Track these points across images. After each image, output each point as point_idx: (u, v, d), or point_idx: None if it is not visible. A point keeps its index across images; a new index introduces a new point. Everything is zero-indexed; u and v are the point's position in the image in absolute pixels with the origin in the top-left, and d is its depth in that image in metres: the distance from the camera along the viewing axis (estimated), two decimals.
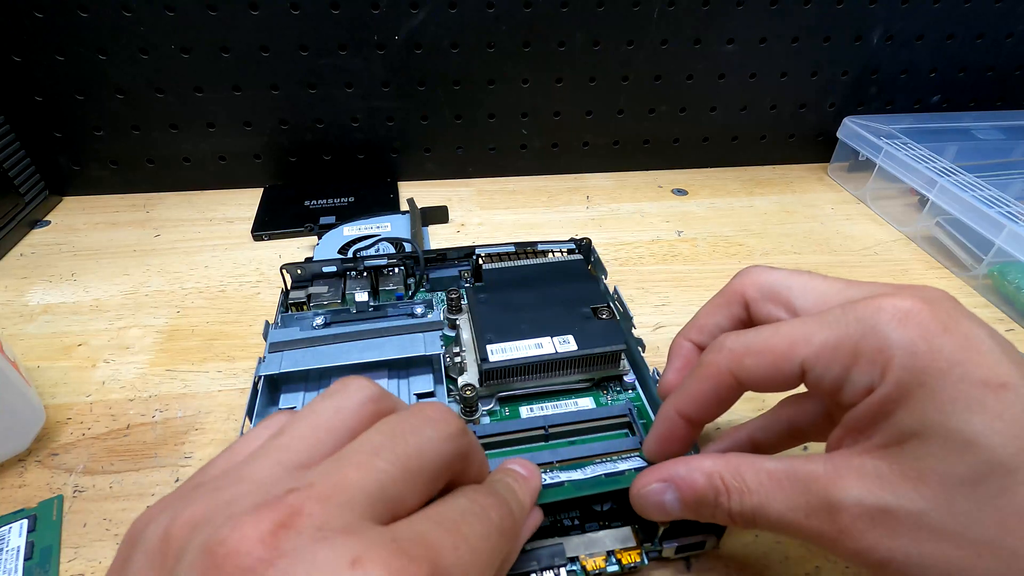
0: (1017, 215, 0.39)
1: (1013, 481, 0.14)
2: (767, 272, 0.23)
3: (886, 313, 0.17)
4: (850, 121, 0.53)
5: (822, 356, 0.18)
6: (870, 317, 0.17)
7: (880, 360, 0.17)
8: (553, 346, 0.30)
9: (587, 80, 0.51)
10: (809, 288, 0.21)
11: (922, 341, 0.16)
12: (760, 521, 0.18)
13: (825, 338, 0.18)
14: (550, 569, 0.22)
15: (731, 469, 0.19)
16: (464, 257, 0.39)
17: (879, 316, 0.17)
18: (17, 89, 0.46)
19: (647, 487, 0.21)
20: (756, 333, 0.20)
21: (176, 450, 0.29)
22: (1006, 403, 0.15)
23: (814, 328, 0.18)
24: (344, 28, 0.46)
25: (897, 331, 0.17)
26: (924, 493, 0.15)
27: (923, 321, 0.17)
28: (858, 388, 0.18)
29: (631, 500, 0.21)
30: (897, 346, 0.17)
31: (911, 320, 0.17)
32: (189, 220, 0.49)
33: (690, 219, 0.50)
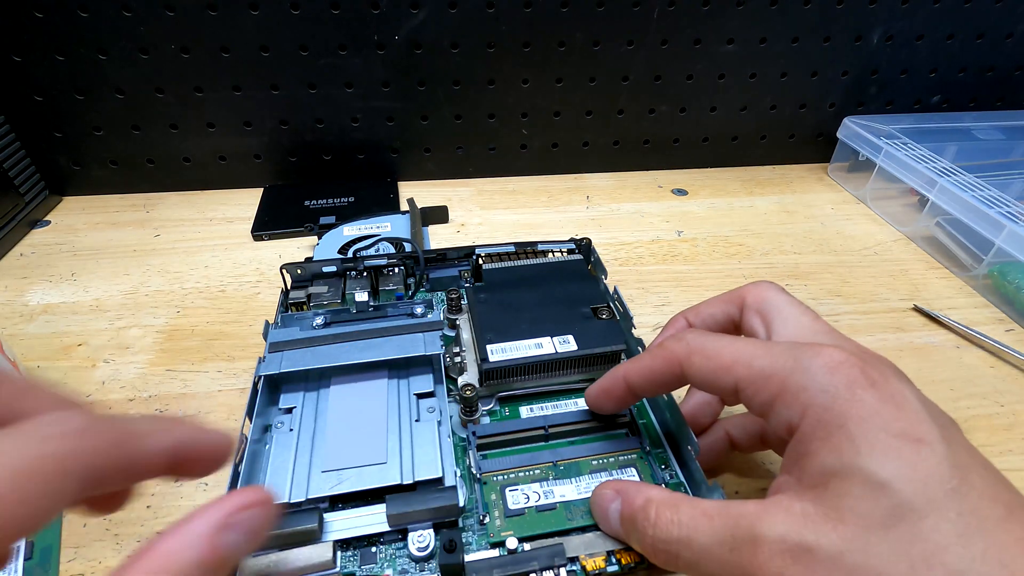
0: (1017, 215, 0.39)
1: (923, 527, 0.15)
2: (771, 290, 0.24)
3: (820, 359, 0.18)
4: (850, 121, 0.53)
5: (754, 381, 0.20)
6: (805, 359, 0.19)
7: (802, 399, 0.18)
8: (553, 346, 0.30)
9: (587, 80, 0.51)
10: (792, 319, 0.22)
11: (846, 389, 0.17)
12: (682, 554, 0.19)
13: (763, 366, 0.19)
14: (550, 569, 0.22)
15: (670, 502, 0.20)
16: (464, 257, 0.39)
17: (813, 360, 0.18)
18: (17, 89, 0.46)
19: (603, 491, 0.23)
20: (716, 339, 0.21)
21: None
22: (921, 456, 0.16)
23: (759, 353, 0.20)
24: (344, 28, 0.46)
25: (823, 376, 0.18)
26: (843, 534, 0.16)
27: (851, 373, 0.18)
28: (780, 421, 0.19)
29: (591, 499, 0.24)
30: (820, 390, 0.18)
31: (840, 370, 0.18)
32: (189, 220, 0.49)
33: (690, 219, 0.50)
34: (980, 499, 0.15)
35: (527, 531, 0.24)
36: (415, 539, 0.23)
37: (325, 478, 0.25)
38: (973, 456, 0.17)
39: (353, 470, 0.25)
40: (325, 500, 0.25)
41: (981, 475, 0.16)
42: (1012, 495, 0.16)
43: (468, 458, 0.27)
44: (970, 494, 0.15)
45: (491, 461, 0.27)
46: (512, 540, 0.23)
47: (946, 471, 0.16)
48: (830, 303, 0.40)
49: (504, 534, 0.24)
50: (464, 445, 0.28)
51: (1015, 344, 0.36)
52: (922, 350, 0.36)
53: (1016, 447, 0.30)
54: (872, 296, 0.41)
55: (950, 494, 0.15)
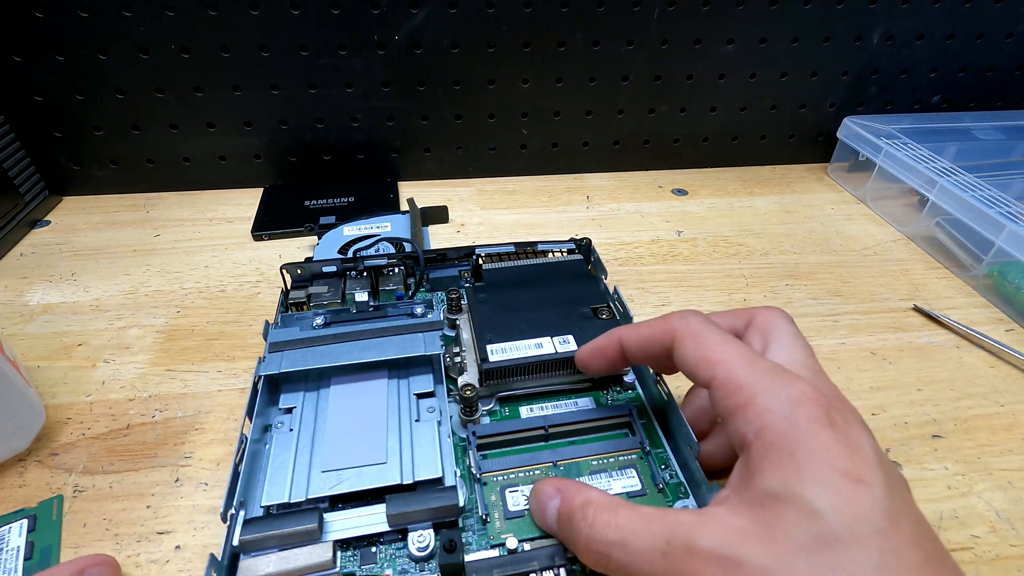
0: (1017, 215, 0.39)
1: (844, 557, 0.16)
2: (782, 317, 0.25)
3: (792, 389, 0.19)
4: (850, 121, 0.53)
5: (727, 386, 0.20)
6: (779, 384, 0.19)
7: (762, 419, 0.19)
8: (553, 346, 0.30)
9: (587, 80, 0.51)
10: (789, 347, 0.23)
11: (805, 423, 0.18)
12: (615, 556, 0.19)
13: (740, 375, 0.20)
14: (550, 569, 0.22)
15: (609, 505, 0.21)
16: (464, 257, 0.39)
17: (786, 388, 0.19)
18: (17, 89, 0.46)
19: (544, 487, 0.23)
20: (714, 333, 0.22)
21: (176, 450, 0.29)
22: (858, 495, 0.17)
23: (743, 363, 0.21)
24: (344, 28, 0.46)
25: (789, 406, 0.19)
26: (772, 552, 0.17)
27: (815, 410, 0.19)
28: (736, 431, 0.20)
29: (531, 493, 0.24)
30: (782, 416, 0.19)
31: (806, 404, 0.19)
32: (189, 220, 0.49)
33: (690, 219, 0.50)
34: (903, 543, 0.16)
35: (527, 533, 0.24)
36: (415, 539, 0.23)
37: (325, 478, 0.25)
38: (909, 507, 0.18)
39: (353, 470, 0.25)
40: (325, 500, 0.25)
41: (910, 523, 0.17)
42: (934, 545, 0.17)
43: (468, 458, 0.27)
44: (895, 536, 0.16)
45: (491, 461, 0.27)
46: (512, 540, 0.23)
47: (878, 513, 0.17)
48: (830, 303, 0.40)
49: (504, 536, 0.24)
50: (464, 445, 0.28)
51: (1015, 344, 0.36)
52: (922, 350, 0.36)
53: (1016, 447, 0.30)
54: (872, 296, 0.41)
55: (876, 533, 0.16)
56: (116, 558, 0.24)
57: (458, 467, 0.27)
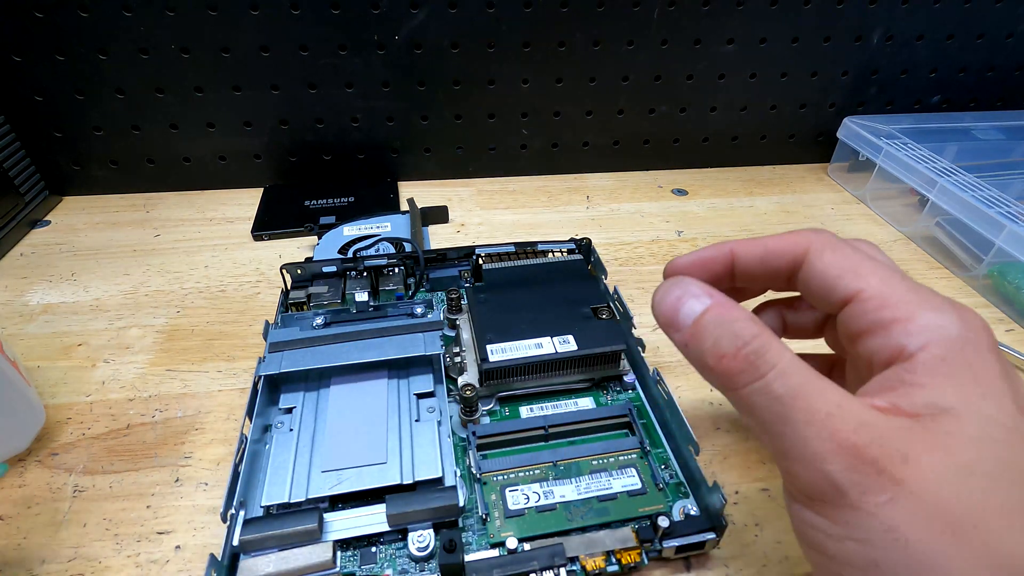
0: (1017, 215, 0.39)
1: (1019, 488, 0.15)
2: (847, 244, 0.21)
3: (962, 315, 0.18)
4: (850, 121, 0.53)
5: (884, 298, 0.18)
6: (946, 307, 0.18)
7: (930, 333, 0.17)
8: (553, 346, 0.30)
9: (587, 80, 0.51)
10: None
11: (982, 345, 0.17)
12: (769, 381, 0.17)
13: (898, 289, 0.18)
14: (550, 569, 0.22)
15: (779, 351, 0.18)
16: (464, 257, 0.39)
17: (955, 312, 0.18)
18: (17, 89, 0.46)
19: (686, 280, 0.20)
20: (850, 244, 0.21)
21: (176, 450, 0.29)
22: None
23: (897, 279, 0.19)
24: (344, 28, 0.46)
25: (962, 327, 0.17)
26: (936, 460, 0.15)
27: (986, 336, 0.18)
28: (889, 343, 0.18)
29: (657, 290, 0.21)
30: (956, 334, 0.17)
31: (978, 330, 0.18)
32: (189, 220, 0.49)
33: (690, 219, 0.50)
34: None
35: (527, 532, 0.24)
36: (415, 539, 0.23)
37: (325, 478, 0.25)
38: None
39: (353, 470, 0.25)
40: (325, 500, 0.25)
41: None
42: None
43: (468, 458, 0.27)
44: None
45: (491, 461, 0.27)
46: (512, 540, 0.23)
47: None
48: None
49: (504, 534, 0.24)
50: (464, 445, 0.28)
51: (1015, 344, 0.36)
52: None
53: None
54: None
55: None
56: (116, 558, 0.24)
57: (458, 467, 0.27)
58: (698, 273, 0.23)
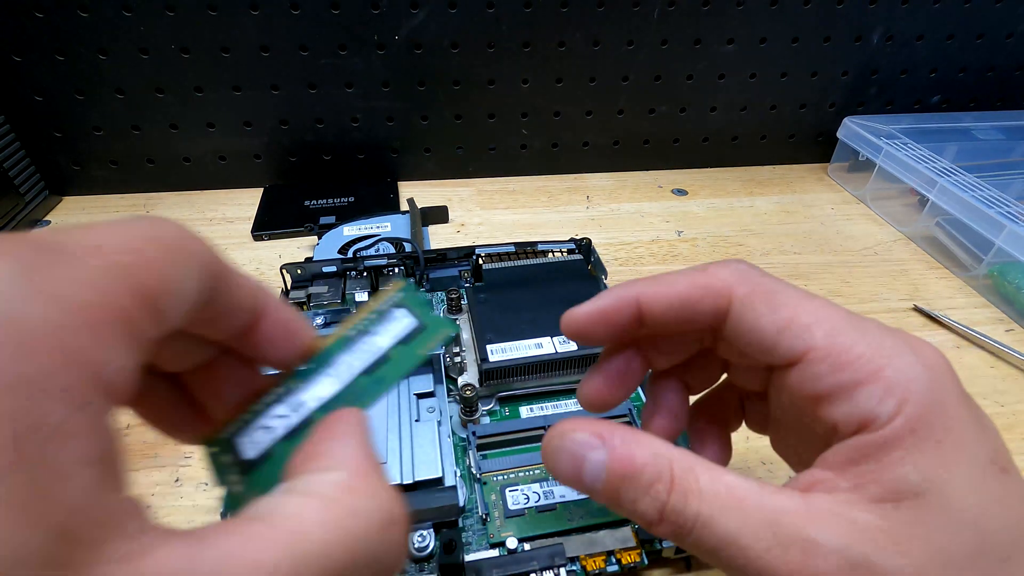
0: (1017, 215, 0.39)
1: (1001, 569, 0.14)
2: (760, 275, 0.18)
3: (924, 355, 0.16)
4: (850, 121, 0.53)
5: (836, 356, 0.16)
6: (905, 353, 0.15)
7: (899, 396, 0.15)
8: (553, 346, 0.30)
9: (587, 80, 0.51)
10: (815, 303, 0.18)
11: (953, 399, 0.15)
12: (699, 533, 0.15)
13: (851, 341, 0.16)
14: (550, 569, 0.22)
15: (685, 464, 0.16)
16: (464, 257, 0.39)
17: (918, 354, 0.15)
18: (17, 89, 0.46)
19: (574, 433, 0.17)
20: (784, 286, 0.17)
21: (176, 450, 0.29)
22: (1008, 488, 0.15)
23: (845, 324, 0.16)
24: (344, 28, 0.46)
25: (929, 377, 0.15)
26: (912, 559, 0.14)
27: (955, 383, 0.15)
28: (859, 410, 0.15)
29: (544, 443, 0.17)
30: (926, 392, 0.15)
31: (948, 376, 0.15)
32: (189, 220, 0.49)
33: (690, 219, 0.50)
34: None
35: (527, 532, 0.24)
36: (415, 539, 0.23)
37: None
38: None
39: None
40: None
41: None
42: None
43: (468, 458, 0.27)
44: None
45: (491, 461, 0.27)
46: (512, 540, 0.23)
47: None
48: None
49: (504, 534, 0.24)
50: (464, 445, 0.28)
51: (1015, 344, 0.36)
52: None
53: (1016, 447, 0.30)
54: (872, 296, 0.41)
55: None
56: None
57: (458, 467, 0.27)
58: (599, 328, 0.20)
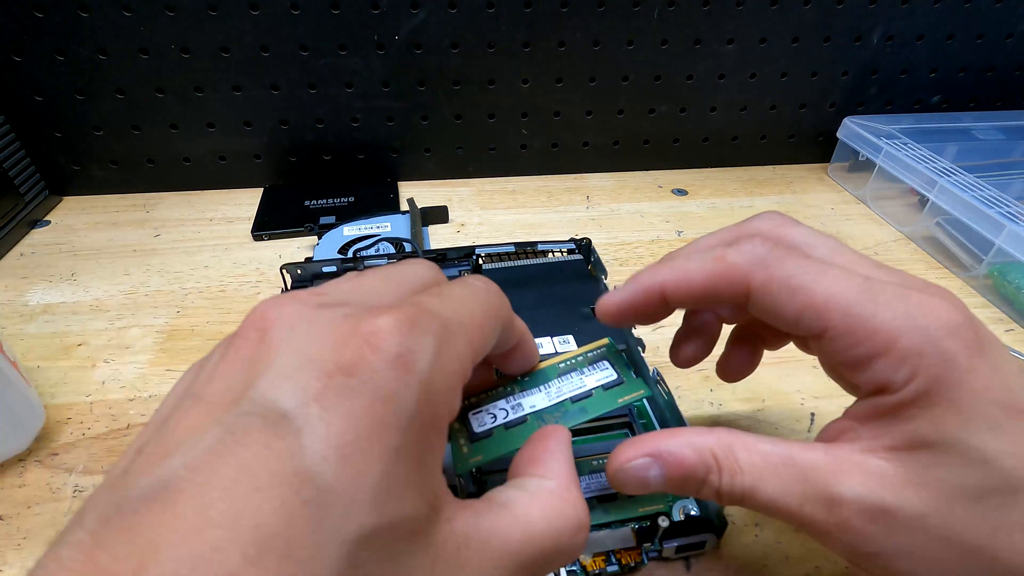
0: (1017, 215, 0.39)
1: (1014, 499, 0.16)
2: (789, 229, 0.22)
3: (937, 318, 0.17)
4: (850, 121, 0.53)
5: (853, 333, 0.17)
6: (920, 316, 0.17)
7: (913, 364, 0.16)
8: (553, 346, 0.30)
9: (587, 80, 0.51)
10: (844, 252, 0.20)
11: (964, 358, 0.16)
12: (749, 502, 0.18)
13: (865, 314, 0.17)
14: None
15: (723, 446, 0.18)
16: (464, 257, 0.39)
17: (930, 319, 0.16)
18: (17, 89, 0.46)
19: (630, 463, 0.19)
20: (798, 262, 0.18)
21: None
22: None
23: (858, 297, 0.17)
24: (344, 28, 0.46)
25: (943, 341, 0.16)
26: (925, 498, 0.16)
27: (968, 338, 0.16)
28: (873, 378, 0.17)
29: (609, 475, 0.20)
30: (938, 357, 0.16)
31: (959, 334, 0.16)
32: (189, 220, 0.49)
33: (690, 219, 0.50)
34: None
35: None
36: None
37: None
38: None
39: None
40: None
41: None
42: None
43: None
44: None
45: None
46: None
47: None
48: None
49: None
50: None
51: (1015, 344, 0.36)
52: None
53: None
54: None
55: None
56: None
57: None
58: (630, 314, 0.22)
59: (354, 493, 0.12)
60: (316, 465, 0.12)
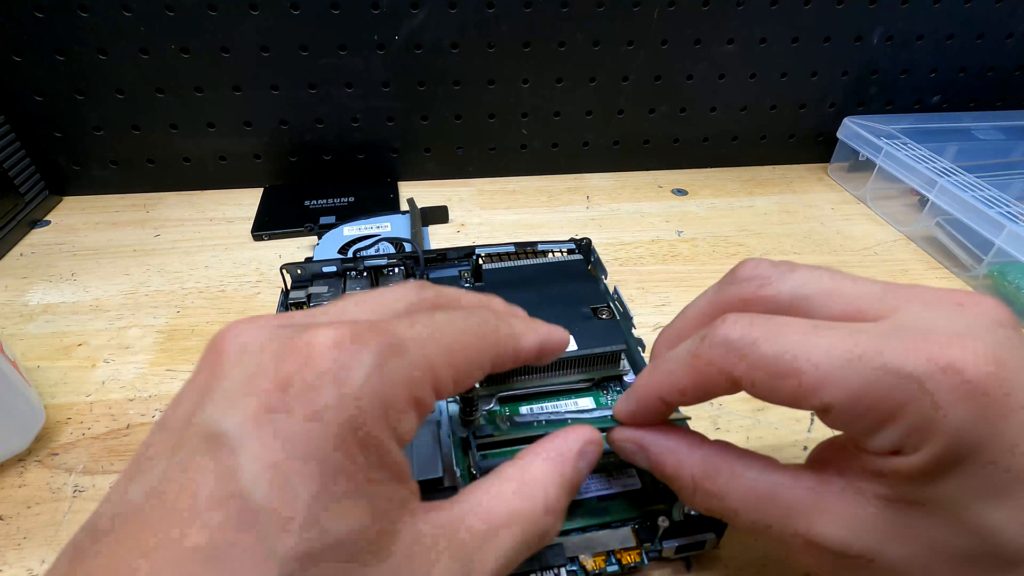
0: (1017, 215, 0.39)
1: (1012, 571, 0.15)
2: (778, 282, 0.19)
3: (954, 378, 0.14)
4: (850, 121, 0.53)
5: (854, 409, 0.15)
6: (928, 378, 0.14)
7: (923, 434, 0.15)
8: None
9: (587, 80, 0.51)
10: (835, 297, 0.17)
11: (981, 426, 0.14)
12: (730, 522, 0.19)
13: (863, 386, 0.15)
14: (550, 569, 0.22)
15: (708, 470, 0.19)
16: (464, 257, 0.39)
17: (943, 380, 0.14)
18: (17, 89, 0.46)
19: (622, 442, 0.21)
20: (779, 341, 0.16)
21: None
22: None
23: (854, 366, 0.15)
24: (344, 28, 0.46)
25: (955, 408, 0.14)
26: (910, 550, 0.16)
27: (990, 399, 0.14)
28: (884, 443, 0.16)
29: (608, 441, 0.22)
30: (950, 426, 0.14)
31: (977, 397, 0.14)
32: (189, 220, 0.49)
33: (690, 219, 0.50)
34: None
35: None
36: None
37: None
38: None
39: None
40: None
41: None
42: None
43: (468, 458, 0.27)
44: None
45: (491, 461, 0.27)
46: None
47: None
48: None
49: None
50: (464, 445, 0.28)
51: None
52: None
53: None
54: None
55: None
56: None
57: (458, 467, 0.27)
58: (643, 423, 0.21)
59: (289, 512, 0.12)
60: (251, 486, 0.12)
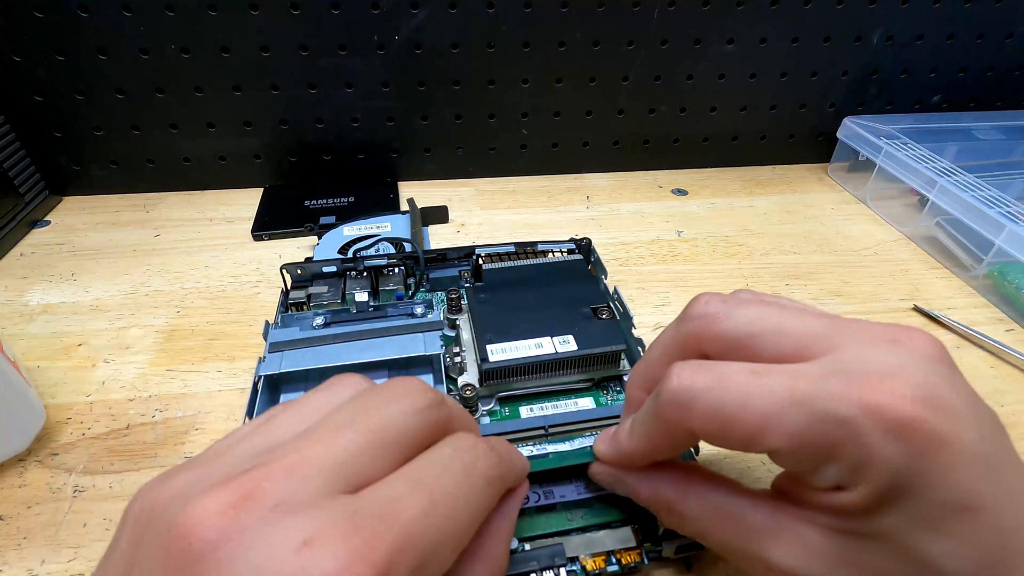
0: (1017, 215, 0.39)
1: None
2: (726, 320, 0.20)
3: (889, 416, 0.15)
4: (850, 121, 0.53)
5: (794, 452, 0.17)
6: (856, 420, 0.15)
7: (859, 471, 0.16)
8: (553, 346, 0.30)
9: (587, 80, 0.51)
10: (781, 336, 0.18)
11: (912, 460, 0.15)
12: (700, 541, 0.21)
13: (801, 430, 0.16)
14: (550, 569, 0.22)
15: (676, 493, 0.20)
16: (464, 257, 0.39)
17: (877, 419, 0.15)
18: (17, 89, 0.46)
19: (600, 475, 0.24)
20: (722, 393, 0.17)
21: (176, 450, 0.29)
22: (975, 527, 0.15)
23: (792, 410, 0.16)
24: (344, 28, 0.46)
25: (884, 448, 0.15)
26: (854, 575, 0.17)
27: (923, 437, 0.15)
28: (826, 481, 0.17)
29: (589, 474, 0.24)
30: (882, 465, 0.15)
31: (910, 436, 0.15)
32: (189, 220, 0.49)
33: (690, 219, 0.50)
34: None
35: (527, 532, 0.24)
36: None
37: None
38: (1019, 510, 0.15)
39: None
40: None
41: None
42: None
43: None
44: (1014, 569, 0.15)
45: None
46: (512, 540, 0.23)
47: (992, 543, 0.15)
48: (830, 303, 0.40)
49: None
50: None
51: (1015, 344, 0.36)
52: None
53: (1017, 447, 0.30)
54: (872, 296, 0.41)
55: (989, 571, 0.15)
56: None
57: None
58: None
59: None
60: None
